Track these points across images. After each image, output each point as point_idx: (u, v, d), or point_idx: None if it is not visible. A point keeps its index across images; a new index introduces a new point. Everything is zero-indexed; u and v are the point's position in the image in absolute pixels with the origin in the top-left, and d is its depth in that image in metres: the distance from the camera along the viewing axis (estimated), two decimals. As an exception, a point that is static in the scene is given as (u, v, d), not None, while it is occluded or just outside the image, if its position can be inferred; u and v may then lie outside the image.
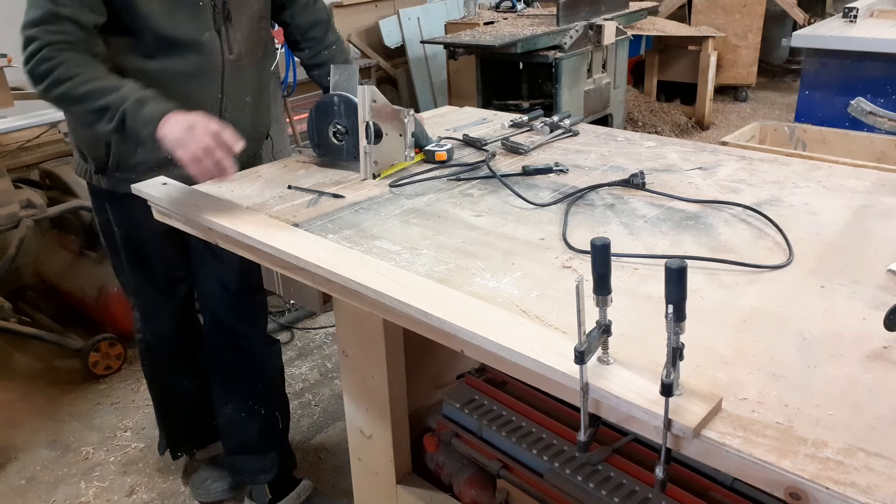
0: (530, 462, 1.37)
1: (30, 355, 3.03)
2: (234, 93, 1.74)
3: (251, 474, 2.09)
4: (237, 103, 1.76)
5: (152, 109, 1.46)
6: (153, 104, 1.47)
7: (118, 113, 1.45)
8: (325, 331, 3.18)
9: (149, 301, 2.00)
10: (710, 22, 6.17)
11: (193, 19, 1.60)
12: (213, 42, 1.65)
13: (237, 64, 1.71)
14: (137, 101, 1.46)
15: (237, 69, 1.71)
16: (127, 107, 1.45)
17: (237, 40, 1.69)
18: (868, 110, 2.67)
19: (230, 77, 1.71)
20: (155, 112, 1.46)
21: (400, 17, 5.13)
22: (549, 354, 0.93)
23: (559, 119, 1.98)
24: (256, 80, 1.81)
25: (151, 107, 1.46)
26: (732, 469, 0.79)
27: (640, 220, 1.38)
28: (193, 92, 1.66)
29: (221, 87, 1.71)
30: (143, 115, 1.45)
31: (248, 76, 1.76)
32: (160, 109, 1.46)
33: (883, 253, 1.20)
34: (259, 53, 1.79)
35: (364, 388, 1.59)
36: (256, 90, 1.81)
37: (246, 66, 1.74)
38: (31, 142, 3.15)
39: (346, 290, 1.20)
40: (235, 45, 1.69)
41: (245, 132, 1.82)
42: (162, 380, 2.14)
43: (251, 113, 1.82)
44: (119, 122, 1.46)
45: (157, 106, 1.47)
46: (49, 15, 1.46)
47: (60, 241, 3.13)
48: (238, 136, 1.47)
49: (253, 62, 1.77)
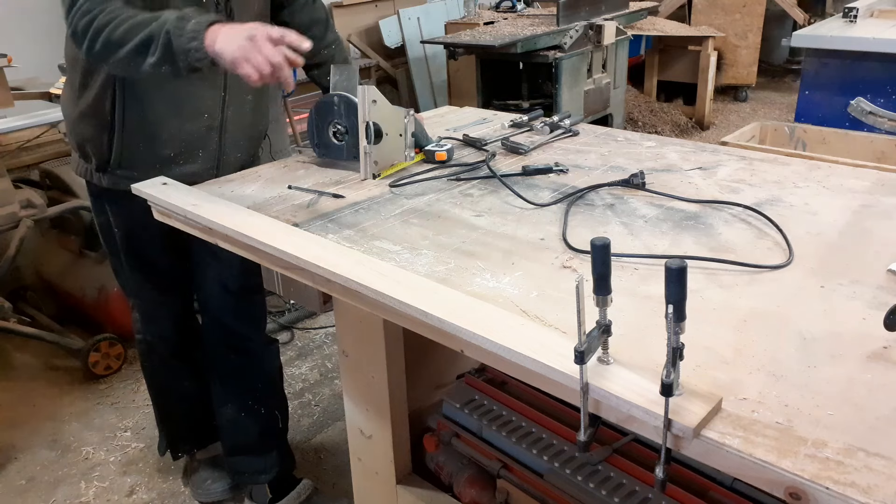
0: (530, 462, 1.37)
1: (30, 355, 3.03)
2: (236, 92, 1.74)
3: (251, 474, 2.09)
4: (239, 102, 1.76)
5: (196, 23, 1.37)
6: (196, 19, 1.39)
7: (160, 38, 1.37)
8: (325, 331, 3.18)
9: (149, 302, 2.00)
10: (710, 22, 6.17)
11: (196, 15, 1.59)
12: None
13: None
14: (178, 19, 1.38)
15: None
16: (169, 28, 1.37)
17: None
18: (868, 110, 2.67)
19: (232, 76, 1.70)
20: (200, 25, 1.37)
21: (400, 17, 5.13)
22: (549, 354, 0.93)
23: (559, 119, 1.98)
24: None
25: (195, 21, 1.37)
26: (732, 469, 0.79)
27: (640, 220, 1.38)
28: (197, 90, 1.67)
29: (224, 85, 1.71)
30: (188, 31, 1.36)
31: None
32: (204, 21, 1.38)
33: (883, 253, 1.20)
34: None
35: (364, 388, 1.59)
36: (257, 89, 1.81)
37: None
38: (31, 142, 3.15)
39: (346, 290, 1.20)
40: None
41: (244, 131, 1.83)
42: (162, 380, 2.14)
43: (251, 112, 1.82)
44: (164, 49, 1.38)
45: (201, 18, 1.39)
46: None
47: (60, 241, 3.13)
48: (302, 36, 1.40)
49: None
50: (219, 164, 1.78)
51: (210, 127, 1.73)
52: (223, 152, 1.79)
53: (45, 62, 3.38)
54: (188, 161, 1.73)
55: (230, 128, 1.77)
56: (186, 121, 1.69)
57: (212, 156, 1.76)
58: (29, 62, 3.20)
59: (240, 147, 1.83)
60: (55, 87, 2.92)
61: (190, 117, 1.69)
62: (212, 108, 1.71)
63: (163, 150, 1.70)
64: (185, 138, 1.70)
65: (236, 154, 1.82)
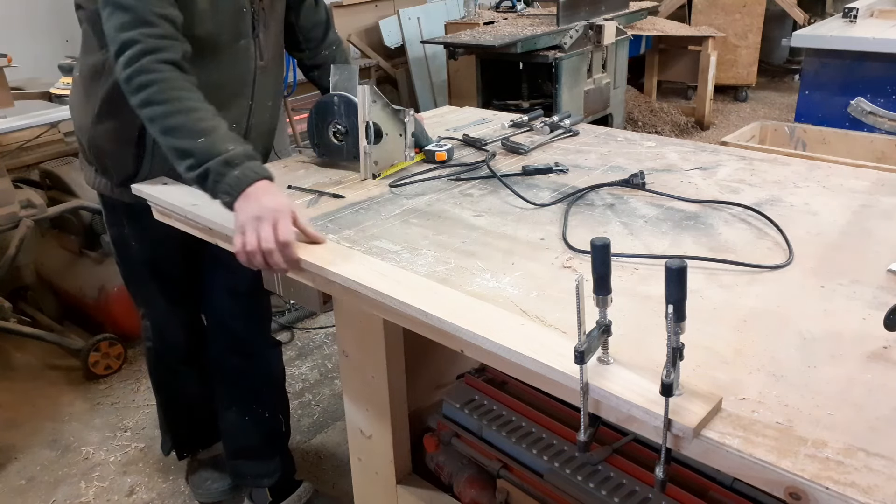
0: (530, 462, 1.37)
1: (30, 355, 3.03)
2: (260, 98, 1.73)
3: (253, 478, 2.09)
4: (261, 108, 1.75)
5: (237, 179, 1.34)
6: (240, 169, 1.35)
7: (201, 164, 1.35)
8: (325, 331, 3.18)
9: (161, 313, 1.98)
10: (710, 22, 6.17)
11: (234, 25, 1.58)
12: (249, 49, 1.64)
13: (265, 69, 1.70)
14: (224, 163, 1.34)
15: (264, 74, 1.71)
16: (211, 166, 1.34)
17: (267, 46, 1.68)
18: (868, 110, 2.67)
19: (259, 83, 1.70)
20: (240, 182, 1.34)
21: (400, 17, 5.13)
22: (549, 354, 0.93)
23: (559, 119, 1.98)
24: (276, 84, 1.81)
25: (236, 176, 1.34)
26: (732, 469, 0.79)
27: (640, 220, 1.38)
28: (229, 100, 1.64)
29: (252, 93, 1.69)
30: (225, 184, 1.34)
31: (271, 81, 1.76)
32: (246, 179, 1.34)
33: (883, 253, 1.20)
34: (279, 57, 1.79)
35: (364, 388, 1.59)
36: (275, 93, 1.81)
37: (270, 71, 1.73)
38: (31, 142, 3.15)
39: (346, 290, 1.20)
40: (265, 52, 1.68)
41: (263, 137, 1.83)
42: (170, 386, 2.13)
43: (270, 117, 1.82)
44: (199, 176, 1.36)
45: (245, 171, 1.35)
46: (143, 14, 1.37)
47: (60, 241, 3.12)
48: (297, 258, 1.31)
49: (275, 66, 1.77)
50: None
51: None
52: None
53: (45, 62, 3.38)
54: None
55: (253, 134, 1.76)
56: None
57: None
58: (29, 62, 3.20)
59: (258, 152, 1.83)
60: (55, 87, 2.92)
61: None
62: (239, 118, 1.70)
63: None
64: None
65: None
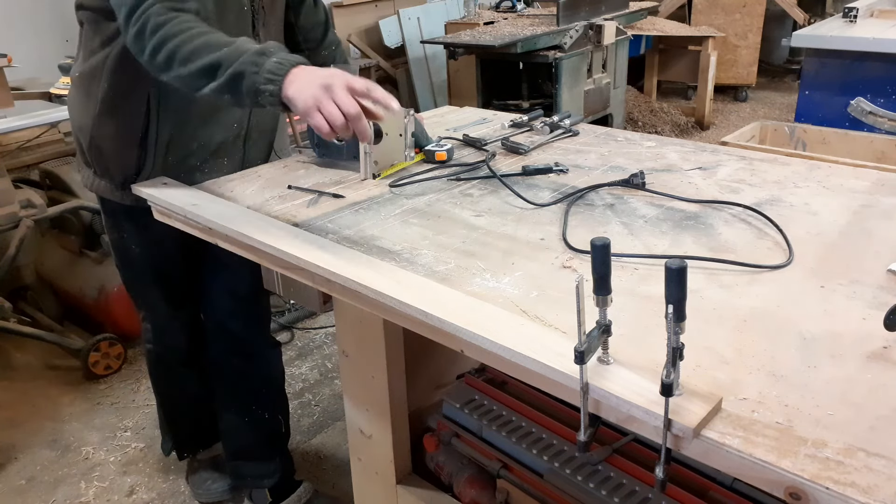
0: (530, 462, 1.37)
1: (30, 355, 3.03)
2: None
3: (253, 479, 2.09)
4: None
5: (278, 64, 1.25)
6: (277, 56, 1.26)
7: (232, 68, 1.26)
8: (325, 331, 3.18)
9: (162, 316, 1.99)
10: (710, 22, 6.17)
11: (236, 26, 1.58)
12: None
13: None
14: (258, 53, 1.26)
15: None
16: (245, 60, 1.26)
17: None
18: (868, 110, 2.67)
19: None
20: (282, 67, 1.25)
21: (400, 17, 5.13)
22: (549, 354, 0.93)
23: (559, 119, 1.98)
24: None
25: (276, 61, 1.25)
26: (732, 469, 0.79)
27: (640, 220, 1.38)
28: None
29: None
30: (266, 71, 1.25)
31: None
32: (288, 62, 1.26)
33: (883, 253, 1.20)
34: None
35: (364, 388, 1.59)
36: None
37: None
38: (31, 142, 3.15)
39: (346, 290, 1.20)
40: None
41: (265, 136, 1.83)
42: (170, 387, 2.14)
43: (271, 116, 1.82)
44: (232, 81, 1.27)
45: (284, 57, 1.27)
46: None
47: (60, 241, 3.13)
48: (389, 94, 1.27)
49: None
50: (241, 168, 1.78)
51: (237, 135, 1.73)
52: (247, 158, 1.79)
53: (45, 62, 3.38)
54: (213, 170, 1.72)
55: (254, 134, 1.77)
56: (218, 131, 1.68)
57: (237, 163, 1.76)
58: (29, 62, 3.20)
59: (261, 151, 1.83)
60: (55, 87, 2.92)
61: (222, 127, 1.69)
62: (240, 117, 1.71)
63: (191, 161, 1.68)
64: (215, 149, 1.70)
65: (258, 160, 1.83)
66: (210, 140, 1.68)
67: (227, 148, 1.72)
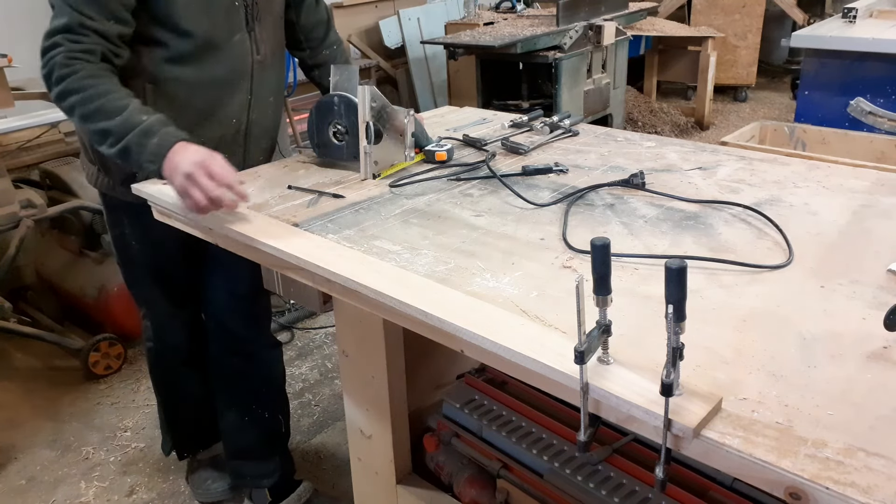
0: (530, 462, 1.37)
1: (30, 355, 3.03)
2: (261, 94, 1.74)
3: (253, 478, 2.09)
4: (262, 104, 1.76)
5: (158, 145, 1.42)
6: (159, 136, 1.43)
7: (122, 141, 1.42)
8: (325, 331, 3.18)
9: (162, 314, 1.99)
10: (709, 22, 6.17)
11: (227, 20, 1.59)
12: (244, 43, 1.65)
13: (263, 64, 1.71)
14: (143, 133, 1.42)
15: (263, 70, 1.71)
16: (132, 140, 1.42)
17: (264, 41, 1.69)
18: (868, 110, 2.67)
19: (257, 78, 1.71)
20: (162, 148, 1.42)
21: (400, 18, 5.13)
22: (549, 354, 0.93)
23: (559, 119, 1.98)
24: (277, 80, 1.81)
25: (157, 143, 1.42)
26: (732, 469, 0.79)
27: (640, 220, 1.38)
28: (227, 96, 1.66)
29: (250, 88, 1.70)
30: (149, 153, 1.42)
31: (271, 76, 1.76)
32: (167, 143, 1.42)
33: (883, 253, 1.20)
34: (279, 53, 1.80)
35: (364, 388, 1.59)
36: (277, 90, 1.82)
37: (270, 67, 1.74)
38: (31, 142, 3.15)
39: (346, 290, 1.20)
40: (262, 46, 1.69)
41: (266, 133, 1.83)
42: (171, 386, 2.13)
43: (272, 113, 1.82)
44: (123, 152, 1.43)
45: (164, 138, 1.43)
46: (74, 24, 1.43)
47: (60, 241, 3.13)
48: (236, 174, 1.43)
49: (275, 62, 1.77)
50: (243, 166, 1.78)
51: (237, 131, 1.74)
52: (248, 154, 1.79)
53: (45, 62, 3.38)
54: None
55: (254, 130, 1.77)
56: (217, 127, 1.69)
57: (237, 160, 1.76)
58: (29, 62, 3.19)
59: (262, 148, 1.83)
60: (55, 88, 2.92)
61: (220, 124, 1.69)
62: (239, 113, 1.71)
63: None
64: (214, 145, 1.70)
65: (259, 157, 1.83)
66: (209, 138, 1.68)
67: (227, 145, 1.72)
